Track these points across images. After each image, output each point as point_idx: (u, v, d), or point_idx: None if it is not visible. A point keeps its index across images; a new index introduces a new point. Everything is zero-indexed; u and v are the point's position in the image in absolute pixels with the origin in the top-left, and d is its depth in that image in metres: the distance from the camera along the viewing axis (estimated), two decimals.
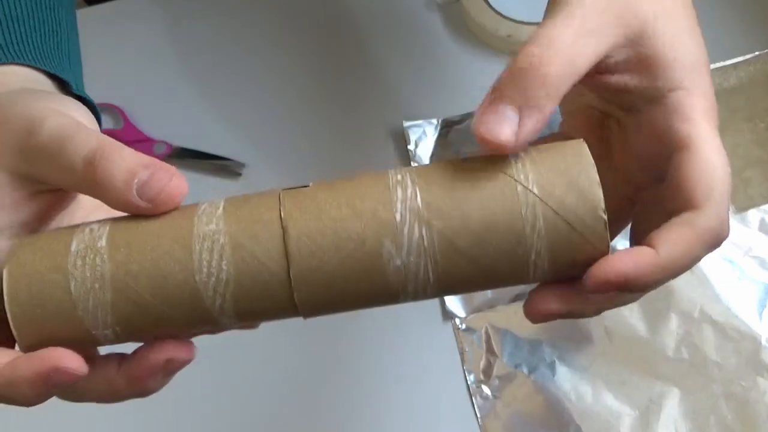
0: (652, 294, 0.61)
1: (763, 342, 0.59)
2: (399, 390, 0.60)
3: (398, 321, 0.63)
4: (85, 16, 0.53)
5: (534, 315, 0.36)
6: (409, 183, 0.32)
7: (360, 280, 0.32)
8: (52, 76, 0.42)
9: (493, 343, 0.61)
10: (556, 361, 0.60)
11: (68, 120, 0.34)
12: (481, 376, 0.60)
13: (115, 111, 0.72)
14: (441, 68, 0.73)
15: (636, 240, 0.37)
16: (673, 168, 0.35)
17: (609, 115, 0.40)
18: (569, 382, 0.59)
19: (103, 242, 0.32)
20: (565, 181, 0.32)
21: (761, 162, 0.65)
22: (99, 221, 0.34)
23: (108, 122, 0.72)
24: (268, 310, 0.33)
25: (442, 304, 0.63)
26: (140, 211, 0.33)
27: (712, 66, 0.69)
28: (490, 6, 0.71)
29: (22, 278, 0.32)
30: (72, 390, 0.35)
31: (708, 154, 0.34)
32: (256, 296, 0.32)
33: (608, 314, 0.61)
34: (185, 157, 0.70)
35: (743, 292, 0.61)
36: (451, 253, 0.32)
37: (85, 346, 0.33)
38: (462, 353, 0.61)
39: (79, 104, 0.39)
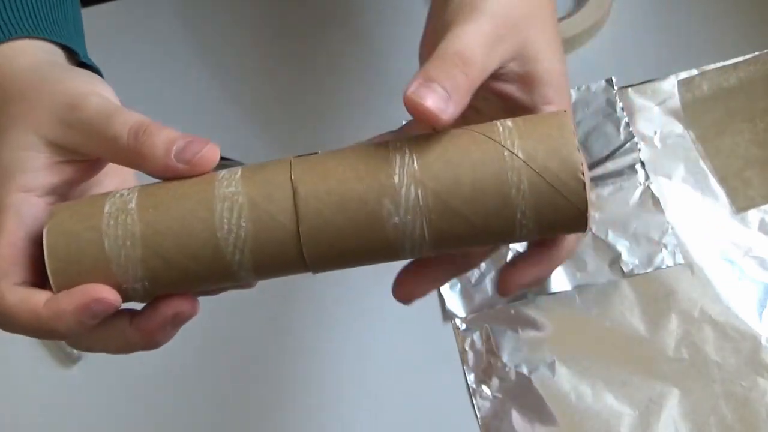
0: (652, 294, 0.61)
1: (763, 342, 0.59)
2: (399, 390, 0.60)
3: (398, 321, 0.63)
4: (84, 16, 0.53)
5: (507, 291, 0.43)
6: (407, 150, 0.36)
7: (362, 236, 0.35)
8: (62, 45, 0.45)
9: (493, 343, 0.61)
10: (556, 361, 0.60)
11: (109, 101, 0.39)
12: (481, 376, 0.60)
13: None
14: None
15: None
16: None
17: (483, 114, 0.43)
18: (569, 382, 0.59)
19: (133, 204, 0.36)
20: (547, 147, 0.35)
21: (761, 162, 0.65)
22: (128, 188, 0.37)
23: None
24: (281, 263, 0.36)
25: (442, 304, 0.63)
26: (178, 172, 0.37)
27: (713, 66, 0.69)
28: None
29: (60, 237, 0.36)
30: (90, 340, 0.39)
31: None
32: (270, 250, 0.35)
33: (608, 314, 0.61)
34: None
35: (743, 292, 0.61)
36: (444, 211, 0.35)
37: None
38: (462, 353, 0.61)
39: (104, 82, 0.43)
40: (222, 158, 0.69)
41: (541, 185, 0.35)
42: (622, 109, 0.68)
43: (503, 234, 0.36)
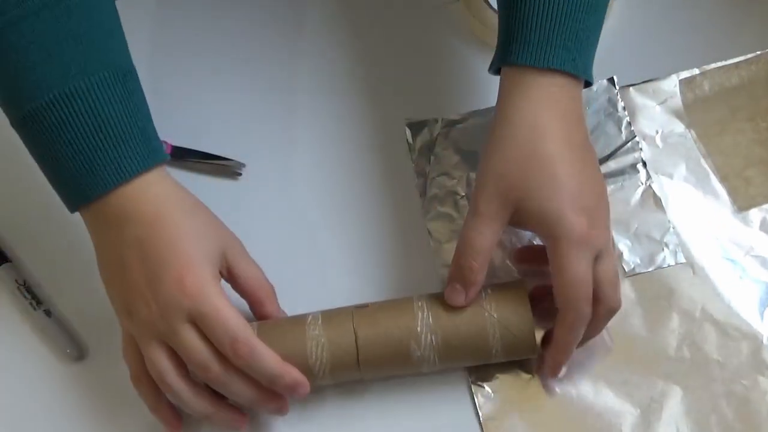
0: (653, 293, 0.61)
1: (764, 341, 0.59)
2: (399, 389, 0.60)
3: None
4: None
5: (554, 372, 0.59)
6: (426, 308, 0.56)
7: (396, 362, 0.56)
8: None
9: None
10: None
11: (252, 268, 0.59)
12: (482, 376, 0.60)
13: None
14: (441, 68, 0.73)
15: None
16: (552, 282, 0.54)
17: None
18: (570, 381, 0.59)
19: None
20: (512, 310, 0.55)
21: (762, 161, 0.65)
22: (251, 325, 0.55)
23: None
24: (345, 376, 0.57)
25: None
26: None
27: (714, 65, 0.69)
28: (489, 6, 0.71)
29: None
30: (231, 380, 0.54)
31: (568, 278, 0.52)
32: (340, 370, 0.56)
33: None
34: (185, 157, 0.69)
35: (744, 291, 0.61)
36: (448, 349, 0.56)
37: None
38: None
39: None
40: (221, 158, 0.70)
41: (507, 334, 0.55)
42: (624, 108, 0.68)
43: (482, 360, 0.57)
